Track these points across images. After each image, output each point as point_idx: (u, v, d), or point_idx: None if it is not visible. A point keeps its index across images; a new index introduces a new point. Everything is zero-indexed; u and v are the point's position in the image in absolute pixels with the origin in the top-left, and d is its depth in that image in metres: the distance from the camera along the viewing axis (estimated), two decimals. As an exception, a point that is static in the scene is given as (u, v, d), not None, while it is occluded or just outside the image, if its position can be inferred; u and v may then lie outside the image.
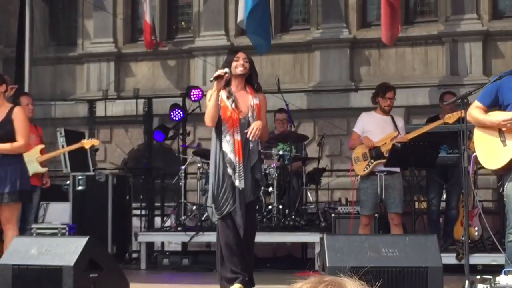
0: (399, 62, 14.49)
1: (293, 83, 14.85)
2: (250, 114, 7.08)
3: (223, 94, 7.12)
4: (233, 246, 7.04)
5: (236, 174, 6.99)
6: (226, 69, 7.02)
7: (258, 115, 7.13)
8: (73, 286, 6.54)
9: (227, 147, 7.04)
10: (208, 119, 7.06)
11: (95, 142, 10.36)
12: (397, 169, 8.96)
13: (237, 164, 6.99)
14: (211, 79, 7.06)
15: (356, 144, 9.04)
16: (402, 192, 8.99)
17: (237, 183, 6.99)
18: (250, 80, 7.27)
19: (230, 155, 7.01)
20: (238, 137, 7.03)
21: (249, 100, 7.13)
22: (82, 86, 16.28)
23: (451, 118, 8.68)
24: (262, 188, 7.50)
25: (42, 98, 13.33)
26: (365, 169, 8.89)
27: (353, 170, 9.18)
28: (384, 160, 8.78)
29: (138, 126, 14.77)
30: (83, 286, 6.62)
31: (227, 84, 7.17)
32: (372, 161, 8.86)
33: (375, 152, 8.87)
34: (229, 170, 7.01)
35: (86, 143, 10.13)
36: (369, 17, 14.93)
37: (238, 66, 7.10)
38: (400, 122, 9.18)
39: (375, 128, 8.96)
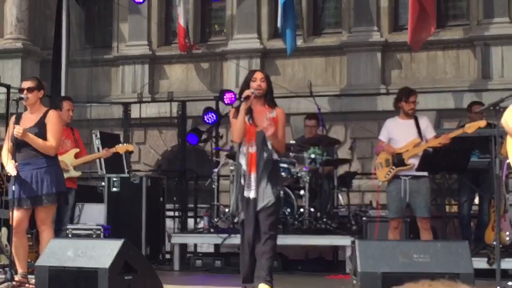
0: (430, 65, 14.50)
1: (325, 86, 14.92)
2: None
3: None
4: (245, 254, 7.46)
5: (246, 185, 7.35)
6: (252, 90, 7.34)
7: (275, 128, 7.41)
8: (108, 288, 6.66)
9: (242, 159, 7.43)
10: (236, 135, 7.46)
11: (129, 147, 10.37)
12: (424, 173, 8.94)
13: (247, 175, 7.34)
14: (241, 99, 7.40)
15: (380, 150, 9.11)
16: (428, 197, 8.93)
17: (246, 193, 7.35)
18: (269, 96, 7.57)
19: (244, 167, 7.39)
20: (252, 149, 7.36)
21: (266, 115, 7.40)
22: (117, 88, 16.48)
23: (470, 128, 8.72)
24: (280, 194, 7.69)
25: (78, 100, 13.49)
26: (386, 175, 8.94)
27: (375, 174, 9.27)
28: (405, 167, 8.82)
29: (172, 128, 14.92)
30: (118, 288, 6.74)
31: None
32: (393, 167, 8.90)
33: (396, 159, 8.90)
34: (242, 181, 7.40)
35: (121, 148, 10.19)
36: (401, 21, 14.95)
37: (256, 86, 7.40)
38: (424, 123, 9.04)
39: (399, 134, 8.97)
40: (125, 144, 10.48)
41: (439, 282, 1.94)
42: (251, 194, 7.32)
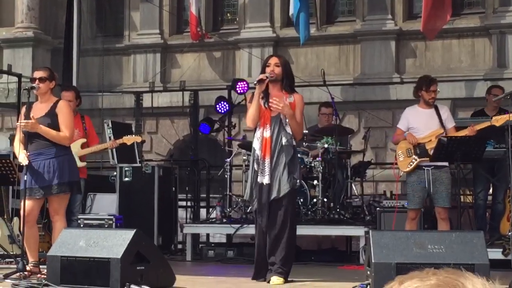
0: (445, 54, 14.38)
1: (338, 75, 14.83)
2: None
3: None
4: (259, 245, 7.46)
5: (260, 170, 7.29)
6: (267, 74, 7.32)
7: None
8: (120, 278, 6.62)
9: (256, 143, 7.39)
10: (250, 120, 7.42)
11: (137, 139, 10.04)
12: (445, 163, 8.85)
13: (261, 160, 7.27)
14: (255, 82, 7.39)
15: (400, 139, 8.96)
16: (450, 187, 8.87)
17: (259, 179, 7.29)
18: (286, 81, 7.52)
19: (258, 152, 7.34)
20: (267, 134, 7.30)
21: (283, 100, 7.33)
22: (128, 77, 16.44)
23: (498, 121, 8.58)
24: (296, 183, 7.58)
25: (89, 89, 13.47)
26: (409, 165, 8.82)
27: (396, 164, 9.15)
28: (429, 158, 8.71)
29: (184, 117, 14.87)
30: (130, 279, 6.69)
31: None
32: (416, 157, 8.78)
33: (419, 149, 8.78)
34: (255, 166, 7.35)
35: (128, 139, 9.84)
36: (415, 9, 14.83)
37: (268, 71, 7.40)
38: (445, 113, 8.98)
39: (420, 124, 8.85)
40: (133, 135, 10.22)
41: (443, 271, 1.95)
42: (265, 180, 7.25)
